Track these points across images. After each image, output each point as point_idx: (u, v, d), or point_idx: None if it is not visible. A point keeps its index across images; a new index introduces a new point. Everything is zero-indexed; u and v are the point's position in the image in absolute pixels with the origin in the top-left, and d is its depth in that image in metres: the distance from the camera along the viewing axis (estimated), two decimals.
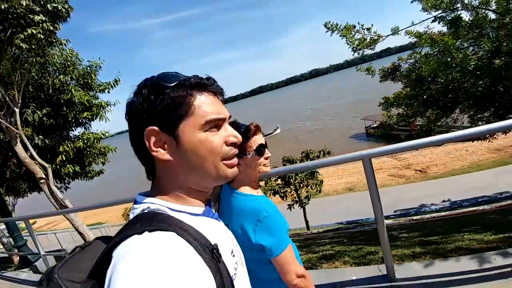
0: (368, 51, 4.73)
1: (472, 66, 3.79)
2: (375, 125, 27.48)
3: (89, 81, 6.49)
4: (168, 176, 0.57)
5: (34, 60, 4.27)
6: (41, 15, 3.21)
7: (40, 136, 5.95)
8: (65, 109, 6.29)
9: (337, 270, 2.64)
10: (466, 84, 4.26)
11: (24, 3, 2.98)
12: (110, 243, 0.48)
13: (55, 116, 6.21)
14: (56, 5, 3.30)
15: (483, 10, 4.21)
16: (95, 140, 6.69)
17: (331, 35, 4.59)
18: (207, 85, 0.56)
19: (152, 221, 0.48)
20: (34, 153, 4.50)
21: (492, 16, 4.18)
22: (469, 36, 4.26)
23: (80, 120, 6.81)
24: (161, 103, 0.53)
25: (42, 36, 3.38)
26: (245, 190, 1.08)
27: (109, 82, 7.00)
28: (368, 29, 4.59)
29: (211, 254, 0.48)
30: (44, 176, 4.57)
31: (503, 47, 3.74)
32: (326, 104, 62.26)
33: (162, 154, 0.54)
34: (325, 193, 13.44)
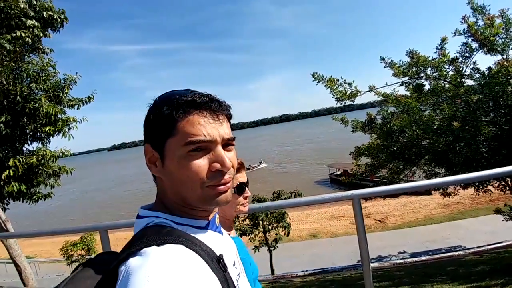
0: (348, 102, 5.25)
1: (435, 125, 4.38)
2: (338, 173, 28.92)
3: (60, 94, 6.06)
4: (163, 191, 0.58)
5: (9, 63, 3.93)
6: (34, 20, 3.07)
7: None
8: (26, 119, 5.69)
9: None
10: (428, 140, 4.86)
11: (21, 6, 2.85)
12: (118, 258, 0.47)
13: (12, 125, 5.56)
14: (52, 14, 3.21)
15: (442, 81, 5.04)
16: (51, 159, 6.01)
17: (317, 84, 5.05)
18: (200, 104, 0.53)
19: (159, 235, 0.48)
20: None
21: (448, 86, 5.03)
22: (429, 101, 5.01)
23: (39, 134, 6.16)
24: (153, 122, 0.55)
25: (30, 41, 3.18)
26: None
27: (82, 98, 6.60)
28: (349, 84, 5.17)
29: (217, 264, 0.50)
30: None
31: (459, 113, 4.42)
32: (292, 149, 64.63)
33: (154, 170, 0.56)
34: (289, 238, 13.17)
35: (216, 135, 0.53)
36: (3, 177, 4.88)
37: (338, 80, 5.04)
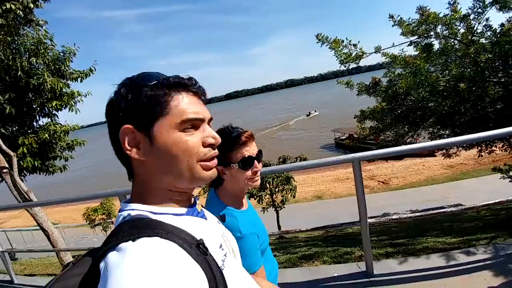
0: (353, 65, 5.12)
1: (441, 87, 4.30)
2: (344, 137, 29.00)
3: (62, 67, 6.00)
4: (145, 177, 0.56)
5: (6, 38, 3.87)
6: None
7: None
8: (31, 95, 5.73)
9: (319, 267, 2.76)
10: (433, 103, 4.82)
11: None
12: (95, 256, 0.48)
13: (18, 102, 5.64)
14: None
15: (452, 40, 4.82)
16: (63, 133, 6.16)
17: (321, 46, 4.89)
18: (187, 85, 0.55)
19: (134, 229, 0.47)
20: None
21: (458, 46, 4.82)
22: (438, 61, 4.84)
23: (46, 110, 6.24)
24: (137, 102, 0.53)
25: (21, 13, 3.11)
26: (228, 201, 1.03)
27: (83, 70, 6.53)
28: (355, 45, 4.97)
29: (197, 249, 0.50)
30: (7, 165, 4.12)
31: (467, 73, 4.31)
32: (285, 116, 64.28)
33: (136, 153, 0.54)
34: (295, 200, 13.79)
35: (204, 113, 0.57)
36: (17, 154, 5.06)
37: (343, 41, 4.85)
